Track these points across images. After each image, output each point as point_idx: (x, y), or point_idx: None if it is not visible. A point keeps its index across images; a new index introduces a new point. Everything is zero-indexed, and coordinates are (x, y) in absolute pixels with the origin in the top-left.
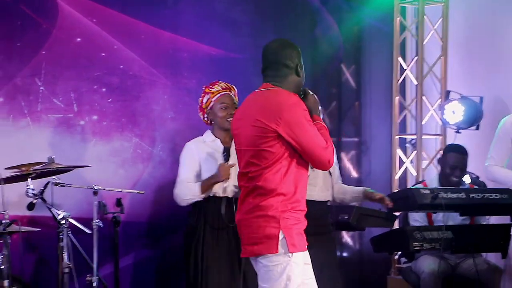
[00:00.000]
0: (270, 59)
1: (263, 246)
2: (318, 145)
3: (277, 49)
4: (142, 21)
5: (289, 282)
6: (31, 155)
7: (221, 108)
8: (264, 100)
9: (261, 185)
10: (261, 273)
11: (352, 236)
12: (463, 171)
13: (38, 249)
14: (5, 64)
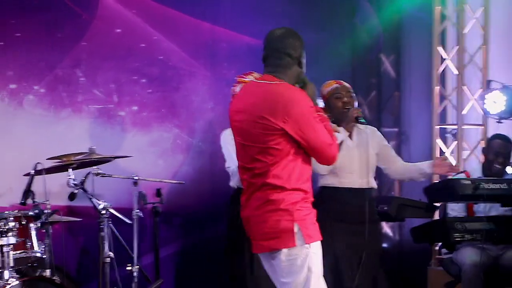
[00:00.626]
0: (272, 47)
1: (280, 241)
2: (324, 142)
3: (281, 37)
4: (182, 12)
5: (311, 274)
6: (72, 145)
7: None
8: (269, 95)
9: (270, 182)
10: (281, 268)
11: (392, 226)
12: (507, 159)
13: (79, 239)
14: (46, 55)
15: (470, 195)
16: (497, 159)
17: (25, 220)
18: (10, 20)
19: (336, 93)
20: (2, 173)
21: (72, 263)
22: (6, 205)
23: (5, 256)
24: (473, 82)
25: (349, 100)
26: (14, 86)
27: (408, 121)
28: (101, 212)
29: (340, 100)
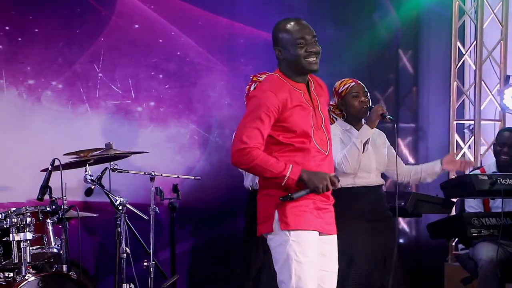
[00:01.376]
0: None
1: (264, 226)
2: (237, 139)
3: (273, 33)
4: (199, 7)
5: (291, 262)
6: (89, 141)
7: None
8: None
9: None
10: (272, 255)
11: (408, 222)
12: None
13: (96, 235)
14: (64, 50)
15: (487, 190)
16: (502, 149)
17: (42, 216)
18: (29, 16)
19: (353, 91)
20: (20, 168)
21: (88, 259)
22: (23, 200)
23: (22, 251)
24: (491, 77)
25: (365, 99)
26: (32, 81)
27: (426, 117)
28: (118, 207)
29: (357, 99)
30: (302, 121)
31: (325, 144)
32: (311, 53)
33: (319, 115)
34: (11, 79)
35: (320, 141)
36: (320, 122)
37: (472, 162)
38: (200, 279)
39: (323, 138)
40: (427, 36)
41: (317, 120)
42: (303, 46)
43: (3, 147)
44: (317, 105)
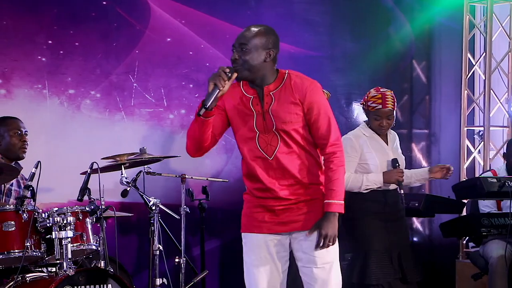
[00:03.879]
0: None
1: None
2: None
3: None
4: (227, 21)
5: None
6: (125, 146)
7: None
8: None
9: None
10: None
11: (422, 222)
12: None
13: (131, 233)
14: (102, 62)
15: (496, 192)
16: None
17: (81, 215)
18: (69, 31)
19: (377, 114)
20: (61, 171)
21: (124, 255)
22: (65, 201)
23: (63, 248)
24: (500, 86)
25: (386, 124)
26: (73, 91)
27: (438, 123)
28: (151, 208)
29: (378, 122)
30: (239, 127)
31: (273, 148)
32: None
33: (269, 120)
34: (53, 89)
35: (266, 146)
36: (271, 127)
37: (449, 166)
38: (228, 274)
39: (272, 143)
40: (439, 48)
41: (265, 124)
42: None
43: (46, 152)
44: (267, 109)
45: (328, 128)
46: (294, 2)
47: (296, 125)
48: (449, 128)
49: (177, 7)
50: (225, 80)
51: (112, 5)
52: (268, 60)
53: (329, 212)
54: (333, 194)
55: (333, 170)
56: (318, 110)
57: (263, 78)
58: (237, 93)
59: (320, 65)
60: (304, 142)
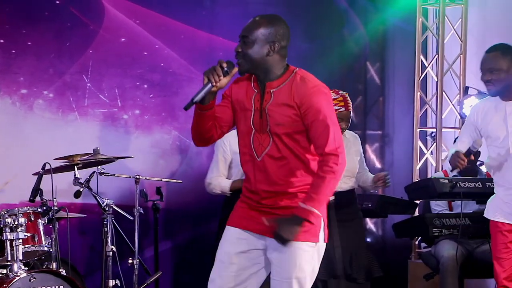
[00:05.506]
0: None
1: None
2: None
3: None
4: (181, 22)
5: None
6: (78, 146)
7: None
8: None
9: None
10: None
11: (375, 222)
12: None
13: (84, 234)
14: (55, 62)
15: (447, 193)
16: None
17: (33, 216)
18: (22, 30)
19: (339, 117)
20: (13, 172)
21: (77, 257)
22: (16, 202)
23: (14, 250)
24: (452, 88)
25: (345, 126)
26: (25, 91)
27: (392, 124)
28: (105, 208)
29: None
30: (240, 120)
31: (263, 149)
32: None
33: (265, 118)
34: (5, 89)
35: (258, 145)
36: (265, 126)
37: (382, 176)
38: (181, 276)
39: (264, 143)
40: (392, 50)
41: (261, 123)
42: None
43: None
44: (265, 107)
45: (324, 137)
46: (249, 2)
47: (290, 129)
48: (402, 129)
49: (131, 7)
50: (220, 76)
51: (66, 5)
52: (272, 53)
53: (295, 214)
54: (307, 199)
55: (319, 176)
56: (315, 116)
57: (267, 73)
58: (245, 86)
59: None
60: (299, 149)
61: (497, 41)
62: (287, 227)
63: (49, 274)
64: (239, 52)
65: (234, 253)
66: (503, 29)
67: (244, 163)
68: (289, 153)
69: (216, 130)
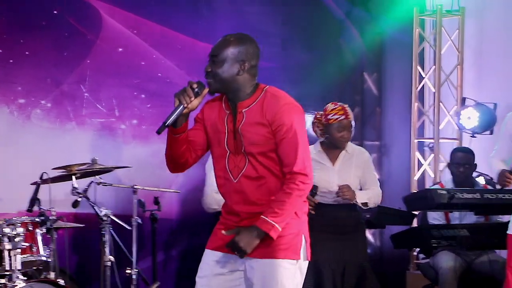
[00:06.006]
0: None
1: None
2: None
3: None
4: (179, 31)
5: None
6: (76, 156)
7: None
8: None
9: None
10: None
11: (373, 233)
12: (468, 168)
13: (82, 244)
14: (53, 71)
15: (445, 204)
16: (458, 169)
17: (31, 226)
18: (20, 39)
19: (340, 126)
20: (11, 181)
21: (75, 267)
22: (14, 211)
23: (12, 259)
24: (449, 99)
25: (347, 136)
26: (23, 100)
27: (389, 135)
28: (103, 218)
29: (340, 134)
30: (213, 143)
31: (239, 170)
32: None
33: (239, 139)
34: (2, 98)
35: (233, 167)
36: (240, 147)
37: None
38: (179, 286)
39: (240, 164)
40: (390, 60)
41: (236, 144)
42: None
43: None
44: (238, 128)
45: (292, 155)
46: (247, 12)
47: (264, 148)
48: (399, 140)
49: (129, 17)
50: (191, 97)
51: (63, 14)
52: (242, 72)
53: (256, 226)
54: (270, 213)
55: (284, 191)
56: (285, 134)
57: (237, 92)
58: (217, 108)
59: (272, 76)
60: (276, 167)
61: (494, 52)
62: (246, 238)
63: (48, 284)
64: (208, 72)
65: (212, 276)
66: (500, 40)
67: (220, 186)
68: (266, 172)
69: (190, 154)
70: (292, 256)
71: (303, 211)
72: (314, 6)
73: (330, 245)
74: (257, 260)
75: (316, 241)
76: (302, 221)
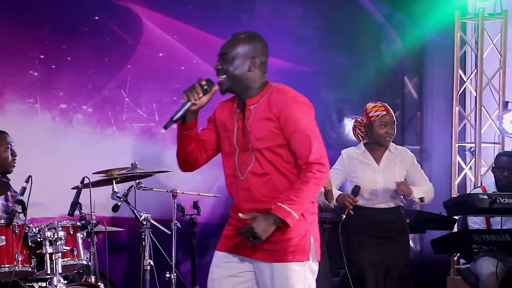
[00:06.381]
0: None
1: None
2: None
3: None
4: (219, 37)
5: None
6: (116, 161)
7: None
8: None
9: None
10: None
11: (413, 238)
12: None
13: (122, 248)
14: (94, 77)
15: (487, 208)
16: (503, 173)
17: (72, 230)
18: (62, 46)
19: (383, 121)
20: (52, 186)
21: (115, 270)
22: (56, 215)
23: (54, 263)
24: (491, 103)
25: (391, 131)
26: (65, 106)
27: (430, 139)
28: (143, 223)
29: (384, 128)
30: (224, 142)
31: (246, 167)
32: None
33: (247, 136)
34: (45, 104)
35: (242, 164)
36: (248, 143)
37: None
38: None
39: (247, 161)
40: (430, 64)
41: (244, 141)
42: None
43: (37, 166)
44: (246, 125)
45: (306, 146)
46: (287, 17)
47: (271, 143)
48: (440, 144)
49: (169, 22)
50: (200, 94)
51: (105, 21)
52: (253, 69)
53: (272, 213)
54: (287, 200)
55: (301, 180)
56: (294, 127)
57: (247, 90)
58: (228, 108)
59: (312, 81)
60: (282, 164)
61: None
62: (262, 224)
63: (88, 287)
64: (219, 70)
65: (222, 277)
66: None
67: (229, 184)
68: (272, 168)
69: (200, 153)
70: (300, 258)
71: (311, 212)
72: (354, 10)
73: (374, 248)
74: (267, 263)
75: (361, 244)
76: (309, 222)
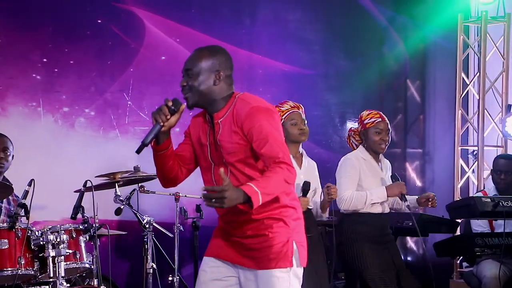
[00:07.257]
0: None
1: None
2: None
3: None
4: (221, 40)
5: None
6: (119, 164)
7: (292, 124)
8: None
9: None
10: None
11: (415, 241)
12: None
13: (125, 251)
14: (96, 80)
15: (490, 212)
16: (499, 176)
17: (75, 233)
18: (64, 49)
19: (378, 128)
20: (55, 189)
21: (118, 274)
22: (58, 219)
23: (57, 266)
24: (494, 106)
25: (387, 137)
26: (67, 109)
27: (432, 143)
28: (145, 226)
29: (379, 136)
30: (199, 157)
31: (223, 181)
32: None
33: (219, 150)
34: (47, 107)
35: (219, 178)
36: (221, 158)
37: (429, 195)
38: None
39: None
40: (433, 67)
41: (217, 156)
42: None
43: (40, 169)
44: (217, 139)
45: (275, 152)
46: (289, 20)
47: (241, 155)
48: (443, 148)
49: (171, 26)
50: (167, 115)
51: (107, 24)
52: (218, 82)
53: (241, 188)
54: (256, 183)
55: (270, 170)
56: (258, 135)
57: (214, 103)
58: (201, 122)
59: (314, 83)
60: (257, 174)
61: None
62: (233, 193)
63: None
64: (184, 86)
65: (209, 281)
66: None
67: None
68: (247, 180)
69: (180, 169)
70: (284, 265)
71: (293, 218)
72: (357, 13)
73: (379, 253)
74: (251, 270)
75: (366, 251)
76: (292, 229)
